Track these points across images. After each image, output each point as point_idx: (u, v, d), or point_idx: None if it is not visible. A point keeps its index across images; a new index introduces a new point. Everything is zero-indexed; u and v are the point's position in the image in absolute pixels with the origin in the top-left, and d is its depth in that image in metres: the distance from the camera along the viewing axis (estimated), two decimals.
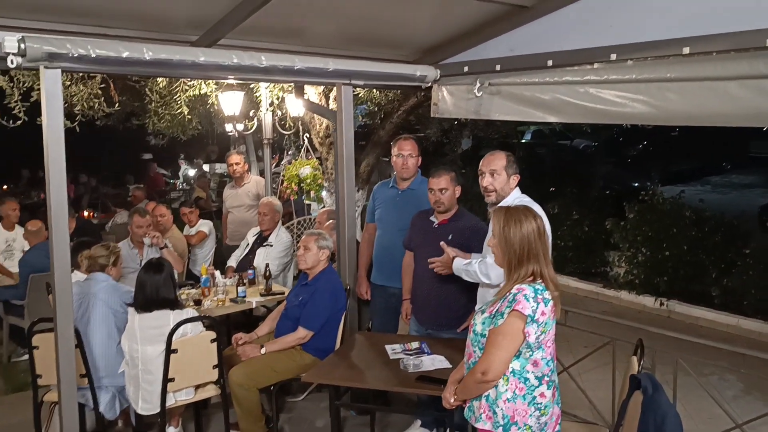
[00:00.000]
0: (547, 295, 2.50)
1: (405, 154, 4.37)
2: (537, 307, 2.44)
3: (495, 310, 2.53)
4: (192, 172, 18.75)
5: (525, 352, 2.49)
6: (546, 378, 2.53)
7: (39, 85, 3.48)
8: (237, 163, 7.04)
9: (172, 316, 3.74)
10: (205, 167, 18.68)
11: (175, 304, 3.83)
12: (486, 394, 2.54)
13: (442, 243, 3.64)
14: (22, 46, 2.90)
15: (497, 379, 2.49)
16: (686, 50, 3.14)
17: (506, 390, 2.50)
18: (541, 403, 2.51)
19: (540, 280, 2.54)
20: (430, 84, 4.59)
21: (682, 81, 3.24)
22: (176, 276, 4.59)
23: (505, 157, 3.46)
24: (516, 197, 3.44)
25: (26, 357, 4.17)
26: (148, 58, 3.30)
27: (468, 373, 2.63)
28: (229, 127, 9.13)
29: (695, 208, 8.22)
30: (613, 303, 8.17)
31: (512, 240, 2.56)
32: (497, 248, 2.63)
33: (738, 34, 2.95)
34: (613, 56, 3.46)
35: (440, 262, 3.62)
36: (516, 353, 2.48)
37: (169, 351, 3.67)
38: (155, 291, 3.78)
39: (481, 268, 3.33)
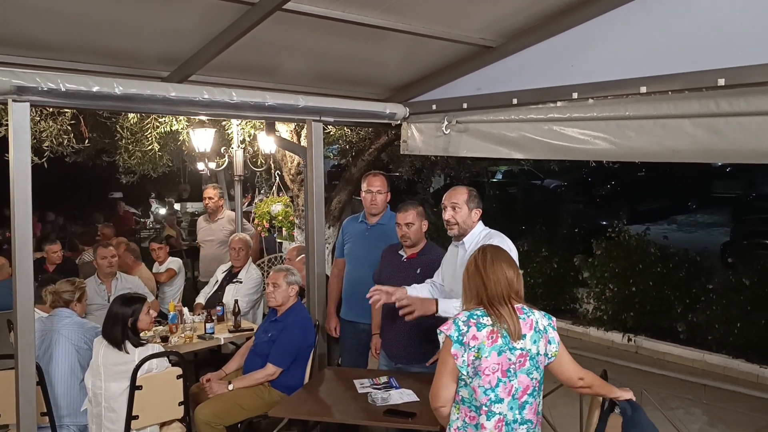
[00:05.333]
0: (484, 320, 2.46)
1: (374, 190, 4.42)
2: (467, 331, 2.43)
3: None
4: (163, 211, 18.61)
5: (467, 380, 2.46)
6: (485, 408, 2.44)
7: (6, 120, 3.48)
8: (211, 198, 7.03)
9: (137, 352, 3.68)
10: (177, 206, 18.56)
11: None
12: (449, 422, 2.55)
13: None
14: None
15: (445, 405, 2.50)
16: (643, 89, 3.27)
17: (457, 418, 2.51)
18: None
19: (481, 307, 2.53)
20: (399, 121, 4.69)
21: (640, 119, 3.37)
22: None
23: (467, 191, 3.52)
24: (480, 230, 3.49)
25: None
26: (118, 93, 3.32)
27: None
28: (200, 165, 9.16)
29: (660, 245, 8.39)
30: (582, 339, 8.24)
31: (464, 278, 2.66)
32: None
33: (691, 74, 3.09)
34: (575, 95, 3.59)
35: (411, 304, 3.34)
36: (455, 379, 2.47)
37: (134, 387, 3.60)
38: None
39: None
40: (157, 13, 3.31)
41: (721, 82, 2.96)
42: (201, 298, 5.95)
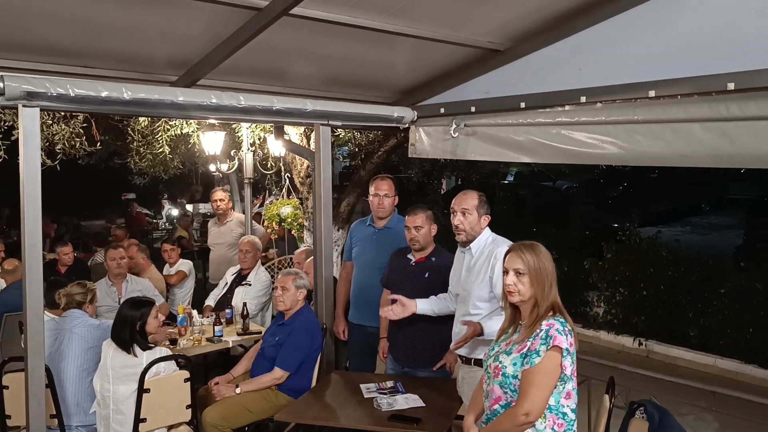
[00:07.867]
0: (570, 326, 2.52)
1: (381, 193, 4.41)
2: (567, 339, 2.47)
3: (526, 349, 2.50)
4: (175, 212, 18.70)
5: (558, 386, 2.47)
6: (576, 408, 2.53)
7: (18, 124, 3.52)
8: (221, 200, 7.08)
9: (145, 355, 3.70)
10: (189, 207, 18.63)
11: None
12: None
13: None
14: (1, 84, 2.93)
15: (539, 418, 2.47)
16: (652, 93, 3.25)
17: (544, 428, 2.48)
18: None
19: (559, 314, 2.55)
20: (407, 125, 4.68)
21: (649, 123, 3.35)
22: None
23: (477, 196, 3.50)
24: (487, 237, 3.48)
25: None
26: (127, 98, 3.34)
27: (502, 416, 2.55)
28: (212, 167, 9.20)
29: (671, 248, 8.31)
30: (593, 343, 8.18)
31: (546, 271, 2.57)
32: (528, 283, 2.56)
33: (701, 78, 3.07)
34: (583, 98, 3.57)
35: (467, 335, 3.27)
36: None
37: (142, 390, 3.62)
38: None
39: None
40: (165, 18, 3.33)
41: (731, 86, 2.93)
42: (210, 300, 5.97)
